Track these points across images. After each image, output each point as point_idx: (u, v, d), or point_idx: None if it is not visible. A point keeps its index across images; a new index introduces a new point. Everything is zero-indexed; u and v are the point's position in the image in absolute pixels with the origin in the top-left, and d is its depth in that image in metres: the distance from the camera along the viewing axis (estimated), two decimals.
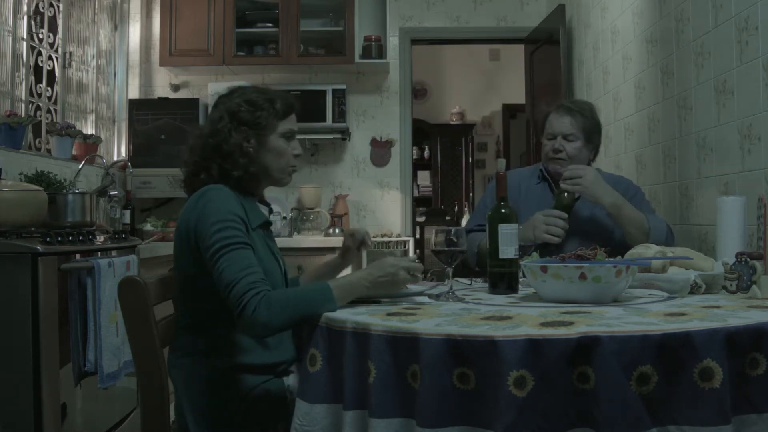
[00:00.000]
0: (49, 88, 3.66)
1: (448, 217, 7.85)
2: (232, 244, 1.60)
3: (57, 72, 3.75)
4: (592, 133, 2.45)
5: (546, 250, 2.16)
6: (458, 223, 7.35)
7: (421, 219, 7.45)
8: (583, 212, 2.37)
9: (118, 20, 4.56)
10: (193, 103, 4.42)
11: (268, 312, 1.50)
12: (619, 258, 1.79)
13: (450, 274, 1.70)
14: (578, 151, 2.43)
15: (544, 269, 1.57)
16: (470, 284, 2.07)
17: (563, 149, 2.43)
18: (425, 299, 1.69)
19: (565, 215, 2.26)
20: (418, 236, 6.77)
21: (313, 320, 1.48)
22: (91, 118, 4.21)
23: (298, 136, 1.90)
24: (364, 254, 4.53)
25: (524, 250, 1.93)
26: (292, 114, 1.86)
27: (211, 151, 1.78)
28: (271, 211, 1.93)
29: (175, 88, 4.79)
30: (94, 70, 4.25)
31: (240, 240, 1.62)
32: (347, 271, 1.94)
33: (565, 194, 2.28)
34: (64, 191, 2.96)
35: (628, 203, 2.29)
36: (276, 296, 1.54)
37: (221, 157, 1.77)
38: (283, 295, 1.57)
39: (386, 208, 4.92)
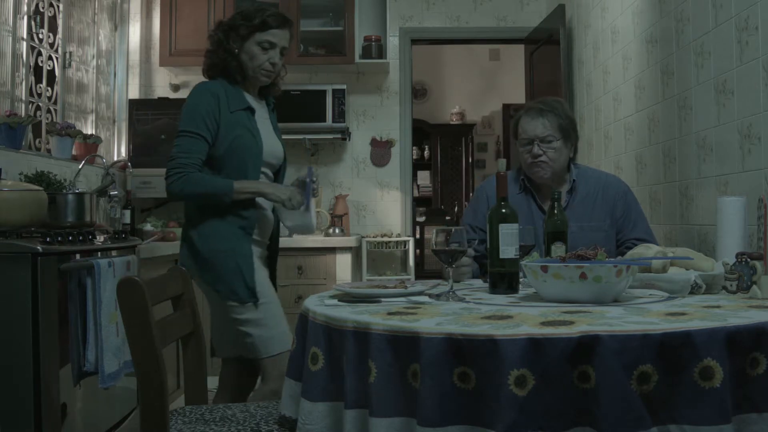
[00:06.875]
0: (49, 88, 3.66)
1: (448, 217, 7.86)
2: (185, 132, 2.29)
3: (57, 72, 3.75)
4: (568, 130, 2.33)
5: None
6: (458, 223, 7.34)
7: (421, 219, 7.46)
8: (572, 229, 2.17)
9: (118, 20, 4.55)
10: None
11: (180, 184, 2.23)
12: (619, 258, 1.79)
13: (450, 273, 1.70)
14: (558, 153, 2.31)
15: (544, 269, 1.57)
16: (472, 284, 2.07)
17: (543, 153, 2.29)
18: (426, 299, 1.69)
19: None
20: (418, 236, 6.78)
21: (314, 318, 1.48)
22: (91, 118, 4.21)
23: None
24: (364, 255, 4.53)
25: (524, 250, 1.93)
26: (272, 29, 2.32)
27: (209, 49, 2.40)
28: (269, 104, 2.51)
29: (175, 88, 4.78)
30: (94, 70, 4.25)
31: (192, 130, 2.28)
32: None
33: (558, 219, 2.01)
34: (64, 191, 2.96)
35: None
36: (194, 176, 2.24)
37: (210, 52, 2.38)
38: (199, 176, 2.25)
39: (386, 208, 4.92)
